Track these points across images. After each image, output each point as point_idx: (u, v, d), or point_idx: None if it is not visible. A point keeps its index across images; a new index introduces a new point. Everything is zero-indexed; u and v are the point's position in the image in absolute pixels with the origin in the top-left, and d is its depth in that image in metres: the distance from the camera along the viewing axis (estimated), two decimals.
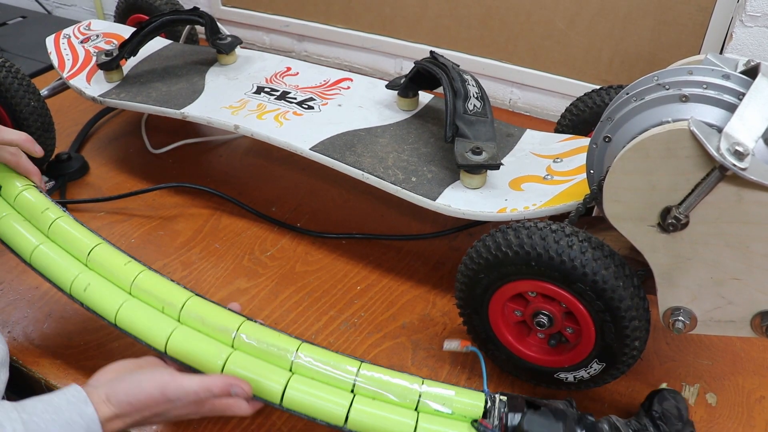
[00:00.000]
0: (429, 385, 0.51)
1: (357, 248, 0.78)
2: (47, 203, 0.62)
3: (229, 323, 0.54)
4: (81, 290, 0.57)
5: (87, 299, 0.57)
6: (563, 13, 0.97)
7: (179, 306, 0.55)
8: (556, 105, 1.06)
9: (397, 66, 1.18)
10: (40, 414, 0.45)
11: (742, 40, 0.84)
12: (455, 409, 0.50)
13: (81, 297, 0.57)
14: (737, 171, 0.42)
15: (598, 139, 0.54)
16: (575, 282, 0.50)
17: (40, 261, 0.59)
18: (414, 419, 0.49)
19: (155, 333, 0.54)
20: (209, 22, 0.90)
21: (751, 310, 0.48)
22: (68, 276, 0.58)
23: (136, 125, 1.02)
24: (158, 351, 0.55)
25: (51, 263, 0.59)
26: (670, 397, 0.54)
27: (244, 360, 0.53)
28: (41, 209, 0.62)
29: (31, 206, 0.62)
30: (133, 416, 0.49)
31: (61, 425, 0.45)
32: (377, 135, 0.75)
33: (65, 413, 0.46)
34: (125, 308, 0.56)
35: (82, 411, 0.46)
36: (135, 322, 0.55)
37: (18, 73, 0.82)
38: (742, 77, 0.48)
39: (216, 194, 0.85)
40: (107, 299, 0.56)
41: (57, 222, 0.61)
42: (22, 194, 0.63)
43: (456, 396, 0.51)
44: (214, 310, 0.56)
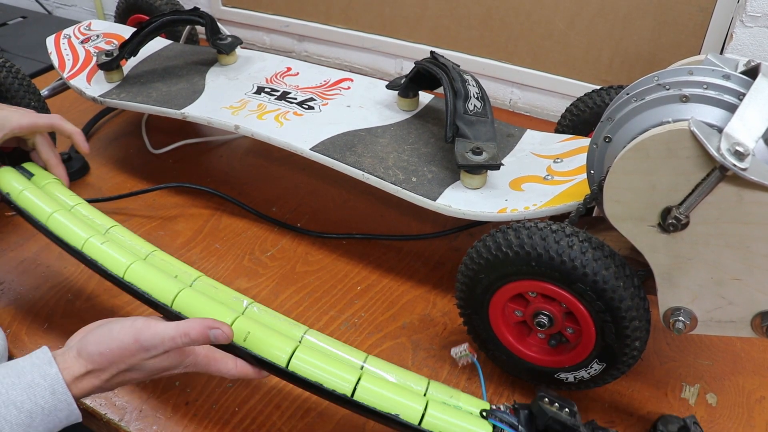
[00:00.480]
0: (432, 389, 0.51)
1: (357, 248, 0.78)
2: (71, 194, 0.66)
3: (241, 296, 0.55)
4: (96, 246, 0.57)
5: (99, 256, 0.57)
6: (563, 14, 0.97)
7: (194, 276, 0.56)
8: (556, 105, 1.06)
9: (397, 66, 1.18)
10: (1, 379, 0.43)
11: (742, 40, 0.84)
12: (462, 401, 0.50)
13: (93, 253, 0.57)
14: (737, 171, 0.42)
15: (598, 140, 0.54)
16: (575, 282, 0.50)
17: (55, 224, 0.60)
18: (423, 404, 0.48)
19: (164, 289, 0.54)
20: (209, 23, 0.90)
21: (752, 310, 0.48)
22: (81, 238, 0.59)
23: (136, 125, 1.02)
24: (164, 305, 0.53)
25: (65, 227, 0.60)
26: (674, 420, 0.54)
27: (252, 323, 0.51)
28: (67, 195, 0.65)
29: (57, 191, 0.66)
30: (107, 370, 0.46)
31: (23, 388, 0.43)
32: (377, 135, 0.75)
33: (27, 376, 0.44)
34: (136, 266, 0.55)
35: (45, 372, 0.44)
36: (144, 278, 0.54)
37: (18, 73, 0.82)
38: (742, 77, 0.48)
39: (216, 194, 0.85)
40: (117, 259, 0.56)
41: (77, 207, 0.64)
42: (50, 183, 0.67)
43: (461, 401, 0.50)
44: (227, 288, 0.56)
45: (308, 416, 0.58)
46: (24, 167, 0.69)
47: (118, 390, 0.60)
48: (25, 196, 0.63)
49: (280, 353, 0.49)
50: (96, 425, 0.60)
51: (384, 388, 0.48)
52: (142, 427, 0.57)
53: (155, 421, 0.57)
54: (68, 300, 0.70)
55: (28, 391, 0.43)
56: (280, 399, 0.59)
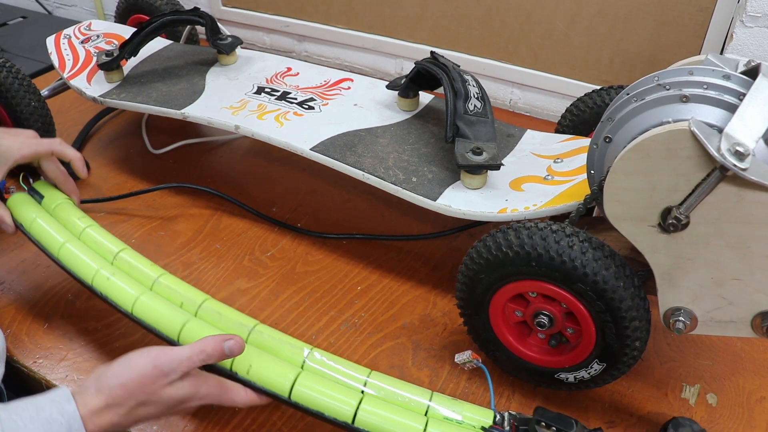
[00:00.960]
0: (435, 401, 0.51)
1: (357, 248, 0.78)
2: (81, 215, 0.67)
3: (245, 320, 0.56)
4: (104, 281, 0.58)
5: (107, 290, 0.58)
6: (563, 14, 0.97)
7: (198, 302, 0.57)
8: (556, 105, 1.06)
9: (397, 66, 1.18)
10: (20, 412, 0.44)
11: (742, 40, 0.84)
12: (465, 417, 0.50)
13: (102, 287, 0.58)
14: (738, 171, 0.42)
15: (598, 140, 0.54)
16: (576, 282, 0.50)
17: (66, 257, 0.61)
18: (423, 423, 0.48)
19: (170, 321, 0.55)
20: (210, 23, 0.90)
21: (752, 310, 0.48)
22: (91, 270, 0.59)
23: (136, 125, 1.02)
24: (171, 339, 0.54)
25: (76, 259, 0.61)
26: (686, 423, 0.53)
27: (254, 353, 0.52)
28: (77, 216, 0.66)
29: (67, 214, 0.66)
30: (125, 404, 0.46)
31: (41, 423, 0.44)
32: (378, 135, 0.75)
33: (45, 411, 0.44)
34: (143, 299, 0.56)
35: (63, 408, 0.45)
36: (151, 312, 0.56)
37: (18, 73, 0.82)
38: (742, 78, 0.48)
39: (216, 194, 0.85)
40: (126, 292, 0.57)
41: (87, 230, 0.64)
42: (60, 205, 0.67)
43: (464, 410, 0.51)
44: (232, 310, 0.57)
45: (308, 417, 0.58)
46: (34, 188, 0.69)
47: None
48: (38, 227, 0.64)
49: (283, 382, 0.50)
50: None
51: (384, 410, 0.49)
52: (142, 428, 0.57)
53: (155, 421, 0.57)
54: (68, 300, 0.70)
55: (45, 426, 0.44)
56: None
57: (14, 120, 0.82)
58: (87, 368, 0.62)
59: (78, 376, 0.61)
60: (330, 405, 0.49)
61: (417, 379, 0.62)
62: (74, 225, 0.65)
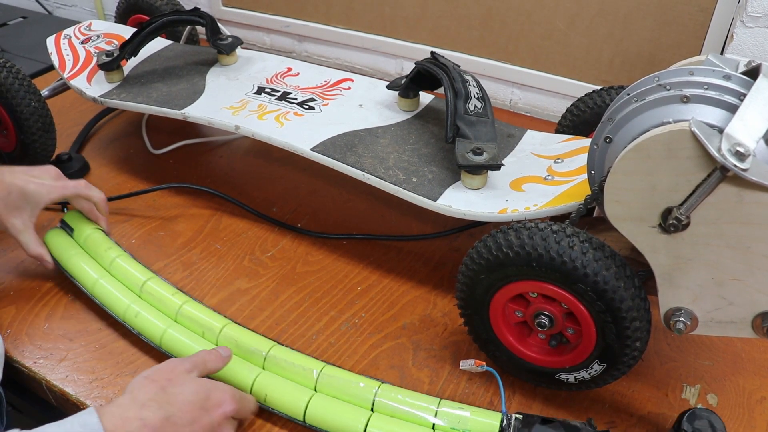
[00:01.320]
0: (445, 406, 0.54)
1: (358, 249, 0.78)
2: (110, 245, 0.71)
3: (260, 345, 0.60)
4: (132, 317, 0.64)
5: (137, 325, 0.63)
6: (564, 14, 0.97)
7: (217, 330, 0.62)
8: (556, 105, 1.06)
9: (397, 66, 1.18)
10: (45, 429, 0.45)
11: (743, 40, 0.84)
12: (471, 428, 0.53)
13: (132, 323, 0.64)
14: (738, 172, 0.42)
15: (599, 140, 0.54)
16: (576, 283, 0.50)
17: (99, 293, 0.67)
18: None
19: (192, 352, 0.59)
20: (210, 23, 0.90)
21: (752, 310, 0.48)
22: (122, 305, 0.65)
23: (136, 126, 1.02)
24: None
25: (108, 295, 0.66)
26: (703, 415, 0.52)
27: (270, 380, 0.58)
28: (105, 248, 0.70)
29: (96, 246, 0.71)
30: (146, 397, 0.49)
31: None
32: (378, 135, 0.75)
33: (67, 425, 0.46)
34: (169, 333, 0.62)
35: (84, 421, 0.46)
36: (177, 345, 0.61)
37: (19, 73, 0.82)
38: (743, 78, 0.48)
39: (217, 195, 0.85)
40: (154, 325, 0.62)
41: (116, 260, 0.69)
42: (89, 236, 0.72)
43: (471, 416, 0.53)
44: (248, 334, 0.62)
45: None
46: (65, 222, 0.74)
47: (119, 390, 0.60)
48: (73, 264, 0.69)
49: (297, 405, 0.56)
50: None
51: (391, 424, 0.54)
52: None
53: None
54: (68, 300, 0.70)
55: None
56: None
57: (14, 120, 0.82)
58: (87, 368, 0.62)
59: (78, 376, 0.61)
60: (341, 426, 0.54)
61: (417, 380, 0.62)
62: (104, 257, 0.69)
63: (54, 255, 0.70)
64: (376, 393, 0.56)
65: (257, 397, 0.57)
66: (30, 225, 0.68)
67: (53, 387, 0.61)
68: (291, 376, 0.58)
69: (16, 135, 0.83)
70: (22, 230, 0.68)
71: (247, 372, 0.58)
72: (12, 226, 0.67)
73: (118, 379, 0.61)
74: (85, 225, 0.73)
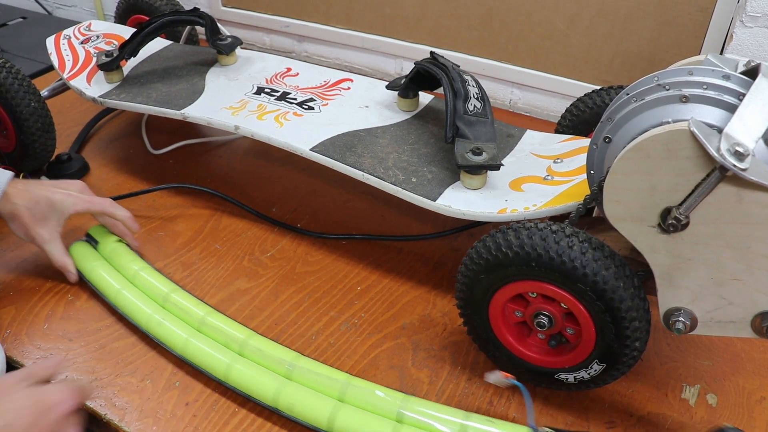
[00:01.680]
0: (472, 420, 0.53)
1: (357, 249, 0.78)
2: (133, 257, 0.71)
3: (286, 355, 0.60)
4: (156, 326, 0.63)
5: (160, 334, 0.63)
6: (563, 14, 0.97)
7: (241, 340, 0.61)
8: (556, 105, 1.06)
9: (397, 66, 1.18)
10: None
11: (742, 40, 0.84)
12: None
13: (155, 332, 0.63)
14: (737, 171, 0.42)
15: (598, 140, 0.54)
16: (575, 283, 0.50)
17: (122, 302, 0.66)
18: None
19: (216, 365, 0.60)
20: (209, 23, 0.90)
21: (752, 310, 0.48)
22: (145, 314, 0.64)
23: (136, 126, 1.02)
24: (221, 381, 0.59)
25: (131, 304, 0.66)
26: None
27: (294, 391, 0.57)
28: (128, 260, 0.71)
29: (119, 258, 0.71)
30: None
31: None
32: (377, 135, 0.75)
33: None
34: (193, 343, 0.61)
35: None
36: (200, 354, 0.61)
37: (18, 73, 0.82)
38: (742, 78, 0.48)
39: (216, 195, 0.85)
40: (176, 335, 0.62)
41: (139, 272, 0.69)
42: (113, 249, 0.72)
43: (500, 431, 0.52)
44: (273, 346, 0.61)
45: None
46: (90, 235, 0.74)
47: (119, 390, 0.60)
48: (96, 275, 0.69)
49: (323, 415, 0.55)
50: (96, 425, 0.60)
51: None
52: (142, 428, 0.57)
53: (155, 421, 0.57)
54: (68, 300, 0.70)
55: None
56: None
57: (14, 121, 0.82)
58: (87, 368, 0.62)
59: (78, 376, 0.61)
60: None
61: (417, 380, 0.62)
62: (127, 269, 0.69)
63: (78, 266, 0.71)
64: (402, 405, 0.55)
65: (282, 408, 0.56)
66: (56, 235, 0.69)
67: None
68: (316, 387, 0.57)
69: (15, 135, 0.83)
70: (48, 240, 0.69)
71: (272, 382, 0.57)
72: (38, 235, 0.68)
73: (118, 379, 0.61)
74: (109, 238, 0.73)
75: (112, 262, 0.71)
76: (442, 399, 0.60)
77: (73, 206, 0.70)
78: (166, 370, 0.62)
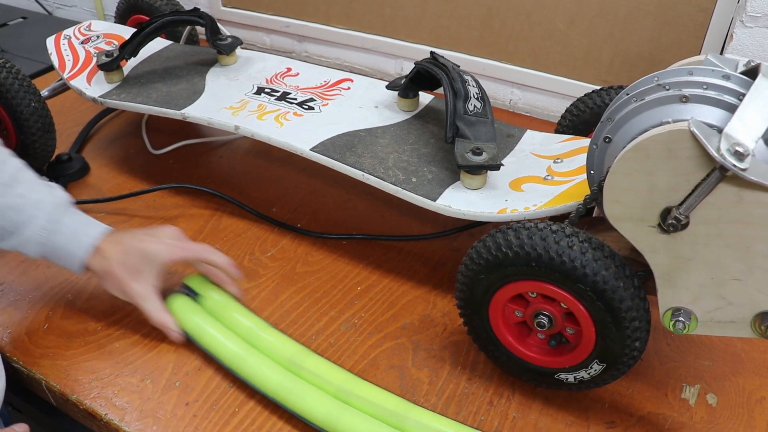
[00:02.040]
0: None
1: (357, 249, 0.78)
2: (244, 312, 0.64)
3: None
4: (286, 395, 0.57)
5: (295, 405, 0.56)
6: (563, 14, 0.97)
7: (401, 418, 0.55)
8: (556, 105, 1.06)
9: (397, 66, 1.18)
10: None
11: (742, 40, 0.84)
12: None
13: (287, 401, 0.57)
14: (737, 171, 0.42)
15: (598, 140, 0.54)
16: (575, 283, 0.50)
17: (245, 370, 0.59)
18: None
19: None
20: (209, 23, 0.90)
21: (752, 310, 0.48)
22: (273, 382, 0.58)
23: (136, 126, 1.02)
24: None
25: (255, 371, 0.59)
26: None
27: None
28: (242, 317, 0.63)
29: (229, 313, 0.64)
30: None
31: None
32: (377, 135, 0.75)
33: None
34: (340, 414, 0.55)
35: None
36: None
37: (18, 73, 0.82)
38: (742, 78, 0.48)
39: (216, 195, 0.85)
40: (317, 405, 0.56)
41: (257, 332, 0.62)
42: (219, 302, 0.65)
43: None
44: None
45: None
46: (187, 286, 0.66)
47: (119, 390, 0.60)
48: (207, 336, 0.62)
49: None
50: (96, 425, 0.60)
51: None
52: (142, 428, 0.57)
53: (155, 421, 0.57)
54: (68, 300, 0.70)
55: None
56: None
57: (14, 121, 0.82)
58: (87, 368, 0.62)
59: (78, 376, 0.61)
60: None
61: (417, 380, 0.62)
62: (240, 326, 0.62)
63: (181, 323, 0.63)
64: None
65: None
66: (151, 290, 0.63)
67: (53, 387, 0.61)
68: None
69: (16, 135, 0.84)
70: (144, 296, 0.62)
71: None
72: (133, 291, 0.62)
73: (118, 379, 0.61)
74: (211, 289, 0.66)
75: (219, 318, 0.63)
76: (442, 399, 0.60)
77: (168, 255, 0.63)
78: (167, 370, 0.62)
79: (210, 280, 0.67)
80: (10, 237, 0.61)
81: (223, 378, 0.61)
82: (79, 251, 0.62)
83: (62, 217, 0.62)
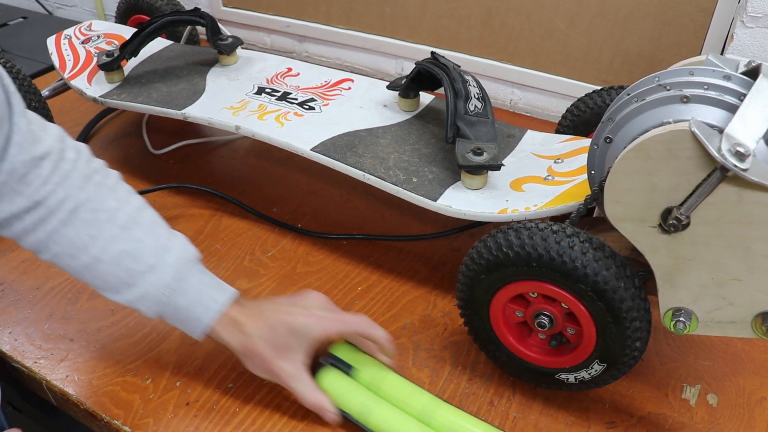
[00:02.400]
0: None
1: (358, 249, 0.78)
2: (412, 389, 0.57)
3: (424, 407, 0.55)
4: None
5: None
6: (564, 14, 0.97)
7: None
8: (556, 106, 1.06)
9: (397, 66, 1.18)
10: None
11: (743, 40, 0.84)
12: None
13: None
14: (738, 172, 0.42)
15: (599, 140, 0.54)
16: (576, 283, 0.50)
17: None
18: None
19: None
20: (210, 23, 0.90)
21: (752, 310, 0.48)
22: None
23: (137, 126, 1.02)
24: None
25: None
26: None
27: None
28: (408, 393, 0.57)
29: (397, 392, 0.57)
30: None
31: None
32: (378, 135, 0.75)
33: None
34: None
35: None
36: None
37: (19, 73, 0.82)
38: (743, 78, 0.48)
39: (217, 195, 0.85)
40: None
41: (439, 412, 0.55)
42: (384, 379, 0.58)
43: None
44: None
45: (308, 417, 0.58)
46: (336, 356, 0.59)
47: (119, 390, 0.60)
48: (376, 419, 0.55)
49: None
50: (96, 425, 0.60)
51: None
52: (143, 428, 0.57)
53: (155, 421, 0.57)
54: (68, 300, 0.70)
55: None
56: (280, 400, 0.59)
57: None
58: (87, 368, 0.62)
59: (78, 376, 0.61)
60: None
61: (417, 380, 0.62)
62: (412, 405, 0.55)
63: (336, 402, 0.56)
64: None
65: None
66: (302, 368, 0.55)
67: (53, 387, 0.61)
68: None
69: None
70: (294, 375, 0.55)
71: None
72: (282, 371, 0.55)
73: (118, 379, 0.61)
74: (365, 361, 0.58)
75: (384, 396, 0.56)
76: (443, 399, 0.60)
77: (321, 331, 0.56)
78: (167, 370, 0.62)
79: (360, 350, 0.60)
80: (127, 290, 0.54)
81: (224, 378, 0.61)
82: (205, 317, 0.54)
83: (188, 275, 0.55)
